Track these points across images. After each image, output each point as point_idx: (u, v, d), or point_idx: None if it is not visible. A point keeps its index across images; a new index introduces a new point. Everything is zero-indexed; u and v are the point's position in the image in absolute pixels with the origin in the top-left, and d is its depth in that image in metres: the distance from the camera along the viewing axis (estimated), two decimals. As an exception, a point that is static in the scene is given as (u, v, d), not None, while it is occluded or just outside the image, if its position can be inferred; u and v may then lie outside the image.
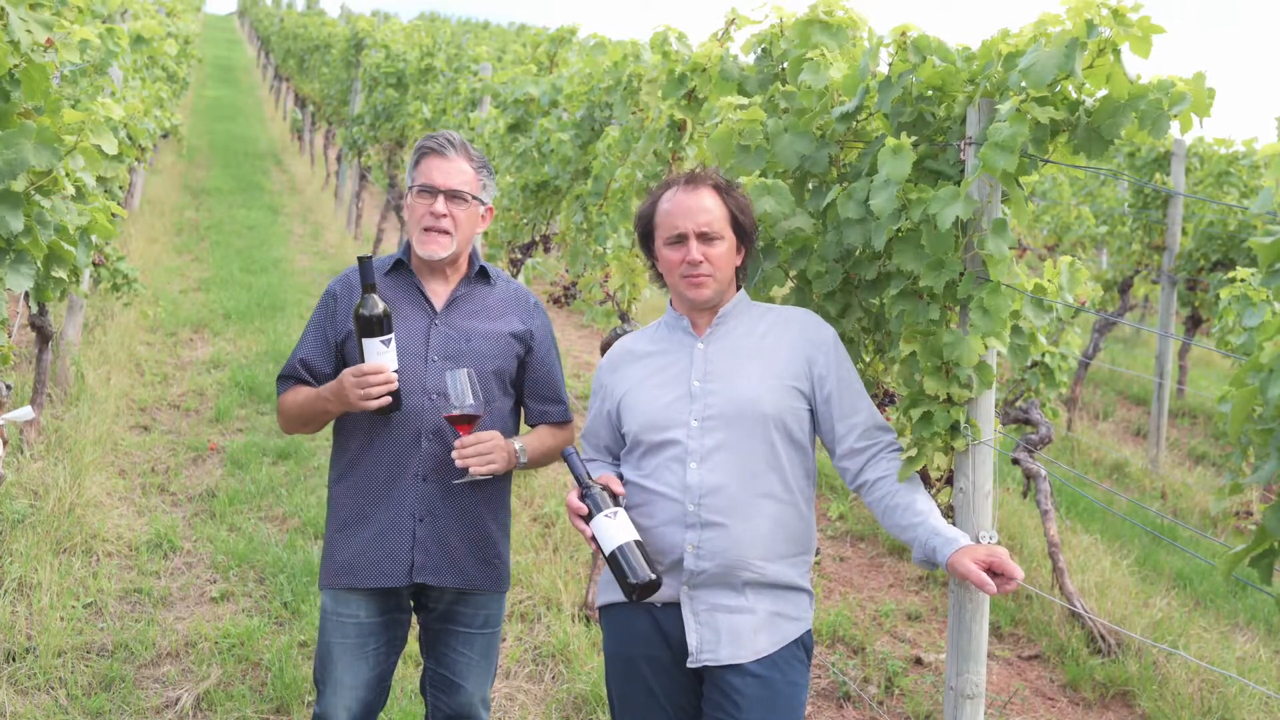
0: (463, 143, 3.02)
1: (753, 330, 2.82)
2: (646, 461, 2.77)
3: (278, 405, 3.10)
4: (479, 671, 3.09)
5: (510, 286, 3.15)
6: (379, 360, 2.85)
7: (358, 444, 3.00)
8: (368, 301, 2.86)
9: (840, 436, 2.77)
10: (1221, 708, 4.42)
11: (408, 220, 3.02)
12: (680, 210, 2.77)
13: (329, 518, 3.07)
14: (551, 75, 6.52)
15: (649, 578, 2.59)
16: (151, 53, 8.58)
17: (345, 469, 3.03)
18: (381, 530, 2.96)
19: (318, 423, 3.04)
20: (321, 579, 3.05)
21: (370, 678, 3.00)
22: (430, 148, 3.00)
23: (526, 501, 6.11)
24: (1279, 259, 2.22)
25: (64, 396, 6.77)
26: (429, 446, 2.96)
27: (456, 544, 2.98)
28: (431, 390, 2.95)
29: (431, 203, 2.95)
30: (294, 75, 21.64)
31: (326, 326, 3.05)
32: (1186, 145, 8.50)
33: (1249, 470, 2.38)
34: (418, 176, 2.99)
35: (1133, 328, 11.94)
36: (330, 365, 3.04)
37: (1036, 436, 5.14)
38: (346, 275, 3.08)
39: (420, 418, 2.95)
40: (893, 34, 3.02)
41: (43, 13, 3.06)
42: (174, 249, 12.11)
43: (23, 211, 3.00)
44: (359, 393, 2.84)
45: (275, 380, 3.15)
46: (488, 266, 3.11)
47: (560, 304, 6.24)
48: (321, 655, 3.02)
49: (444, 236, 2.96)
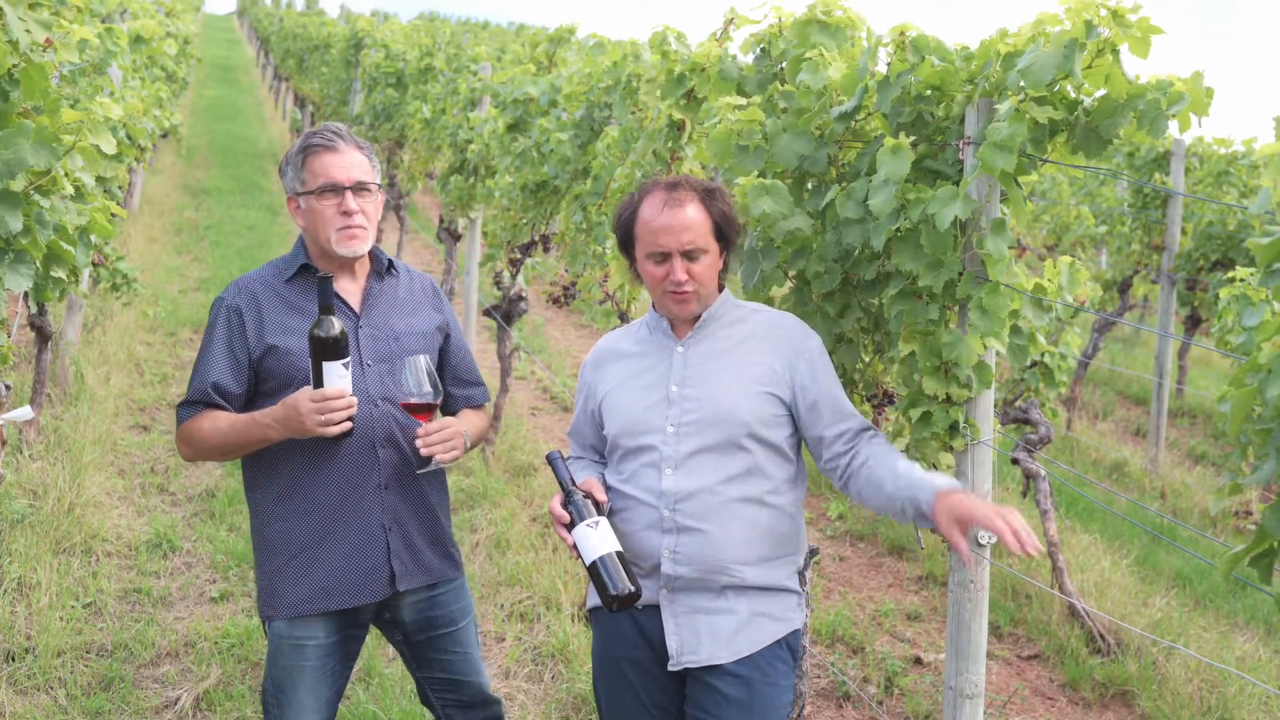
0: (349, 132, 2.91)
1: (734, 335, 2.78)
2: (625, 465, 2.76)
3: (182, 433, 2.85)
4: (474, 661, 3.08)
5: (414, 277, 3.07)
6: (340, 384, 2.70)
7: (297, 464, 2.83)
8: (325, 323, 2.69)
9: (828, 442, 2.74)
10: (1221, 707, 4.42)
11: (309, 223, 2.86)
12: (663, 227, 2.69)
13: (273, 545, 2.87)
14: (551, 75, 6.52)
15: (628, 590, 2.58)
16: (151, 52, 8.59)
17: (284, 492, 2.85)
18: (354, 547, 2.84)
19: (246, 451, 2.83)
20: (281, 609, 2.85)
21: (329, 696, 2.93)
22: (319, 144, 2.84)
23: (526, 501, 6.11)
24: (1277, 259, 2.22)
25: (63, 396, 6.77)
26: (385, 454, 2.87)
27: (421, 544, 2.94)
28: (376, 396, 2.85)
29: (340, 200, 2.82)
30: (293, 75, 21.64)
31: (235, 344, 2.84)
32: (1186, 145, 8.50)
33: (1248, 470, 2.38)
34: (313, 176, 2.83)
35: (1132, 327, 11.94)
36: (242, 386, 2.84)
37: (1036, 436, 5.14)
38: (245, 285, 2.90)
39: (371, 427, 2.84)
40: (891, 34, 3.02)
41: (41, 12, 3.06)
42: (173, 249, 12.11)
43: (22, 211, 3.00)
44: (319, 419, 2.67)
45: (176, 408, 2.91)
46: (392, 259, 3.02)
47: (560, 304, 6.24)
48: (277, 679, 2.87)
49: (361, 231, 2.85)
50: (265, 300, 2.88)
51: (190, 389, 2.86)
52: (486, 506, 5.97)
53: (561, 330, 10.87)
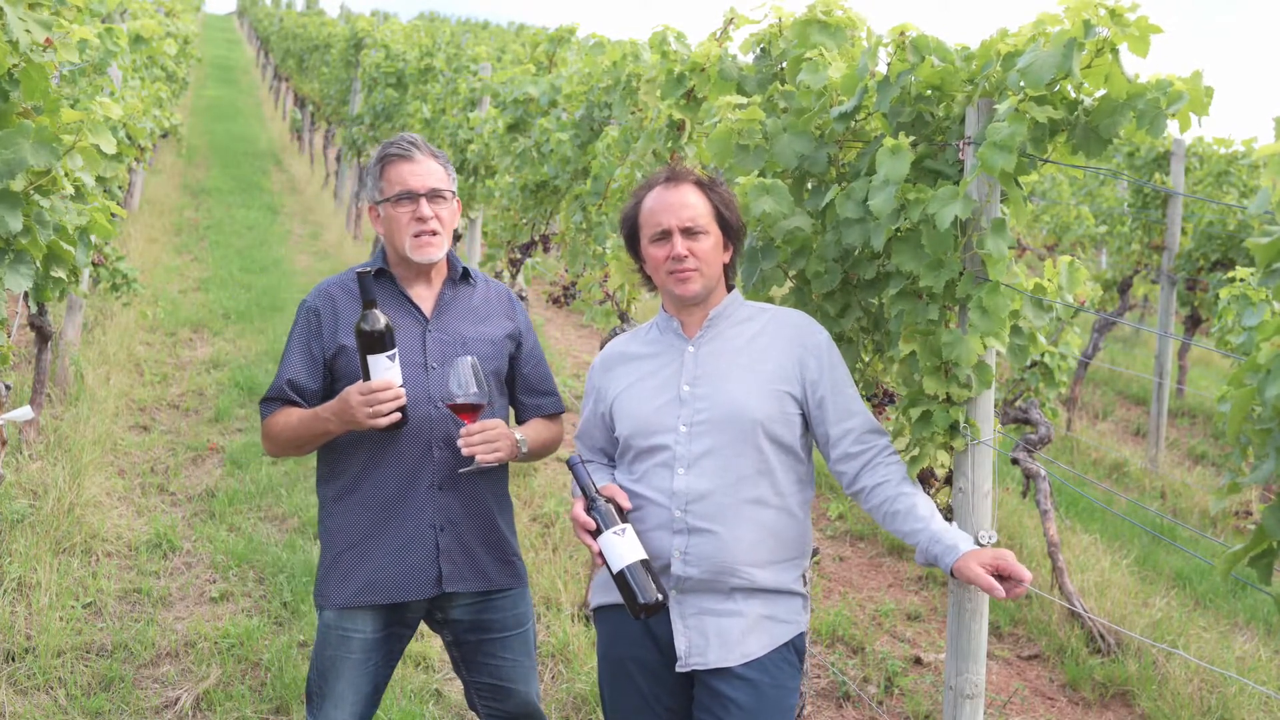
0: (423, 141, 3.00)
1: (744, 333, 2.80)
2: (637, 466, 2.76)
3: (263, 429, 3.00)
4: (525, 669, 3.08)
5: (491, 285, 3.13)
6: (386, 376, 2.79)
7: (362, 460, 2.93)
8: (369, 317, 2.78)
9: (834, 441, 2.74)
10: (1221, 707, 4.42)
11: (387, 230, 2.96)
12: (662, 206, 2.74)
13: (332, 537, 2.98)
14: (550, 75, 6.51)
15: (655, 599, 2.59)
16: (150, 52, 8.58)
17: (348, 486, 2.95)
18: (403, 544, 2.92)
19: (314, 445, 2.95)
20: (331, 598, 2.95)
21: (369, 691, 2.98)
22: (395, 154, 2.94)
23: (526, 501, 6.11)
24: (1276, 259, 2.22)
25: (63, 396, 6.77)
26: (441, 455, 2.92)
27: (477, 548, 2.97)
28: (437, 398, 2.92)
29: (416, 208, 2.91)
30: (293, 75, 21.64)
31: (312, 343, 2.96)
32: (1186, 145, 8.51)
33: (1248, 470, 2.38)
34: (390, 185, 2.93)
35: (1132, 327, 11.94)
36: (318, 383, 2.96)
37: (1036, 436, 5.14)
38: (325, 289, 3.01)
39: (429, 427, 2.91)
40: (891, 34, 3.02)
41: (41, 12, 3.06)
42: (173, 249, 12.11)
43: (22, 211, 3.00)
44: (368, 411, 2.76)
45: (259, 404, 3.05)
46: (468, 267, 3.09)
47: (560, 304, 6.24)
48: (322, 668, 2.96)
49: (436, 237, 2.94)
50: (341, 302, 2.98)
51: (271, 387, 2.99)
52: (486, 506, 5.97)
53: (561, 330, 10.87)
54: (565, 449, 7.01)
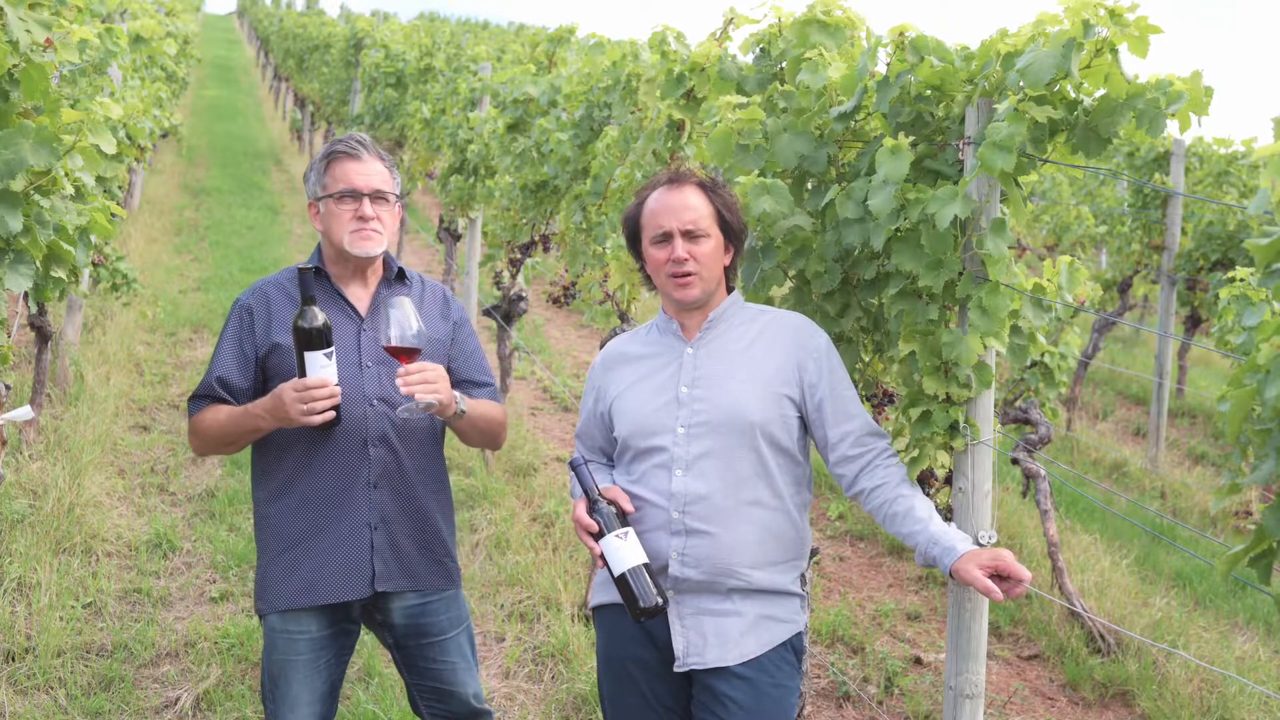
0: (371, 142, 2.99)
1: (743, 335, 2.79)
2: (635, 466, 2.76)
3: (190, 426, 2.97)
4: (464, 671, 3.07)
5: (426, 285, 3.12)
6: (322, 373, 2.77)
7: (295, 459, 2.91)
8: (308, 314, 2.76)
9: (833, 444, 2.74)
10: (1221, 707, 4.42)
11: (326, 226, 2.95)
12: (664, 208, 2.74)
13: (269, 539, 2.95)
14: (550, 75, 6.51)
15: (656, 602, 2.60)
16: (150, 52, 8.58)
17: (283, 486, 2.93)
18: (337, 542, 2.90)
19: (243, 442, 2.93)
20: (271, 603, 2.92)
21: (324, 691, 2.97)
22: (343, 151, 2.93)
23: (526, 501, 6.11)
24: (1276, 259, 2.22)
25: (63, 396, 6.77)
26: (376, 453, 2.91)
27: (409, 548, 2.96)
28: (371, 397, 2.91)
29: (358, 207, 2.90)
30: (293, 75, 21.65)
31: (244, 342, 2.94)
32: (1186, 145, 8.50)
33: (1248, 470, 2.38)
34: (334, 181, 2.92)
35: (1132, 327, 11.94)
36: (248, 381, 2.94)
37: (1036, 436, 5.14)
38: (260, 288, 3.00)
39: (364, 425, 2.90)
40: (891, 34, 3.02)
41: (41, 12, 3.06)
42: (173, 249, 12.11)
43: (22, 211, 3.00)
44: (301, 408, 2.75)
45: (187, 401, 3.03)
46: (404, 267, 3.08)
47: (560, 304, 6.24)
48: (272, 674, 2.94)
49: (376, 234, 2.93)
50: (276, 300, 2.96)
51: (200, 384, 2.97)
52: (486, 506, 5.97)
53: (561, 330, 10.87)
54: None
